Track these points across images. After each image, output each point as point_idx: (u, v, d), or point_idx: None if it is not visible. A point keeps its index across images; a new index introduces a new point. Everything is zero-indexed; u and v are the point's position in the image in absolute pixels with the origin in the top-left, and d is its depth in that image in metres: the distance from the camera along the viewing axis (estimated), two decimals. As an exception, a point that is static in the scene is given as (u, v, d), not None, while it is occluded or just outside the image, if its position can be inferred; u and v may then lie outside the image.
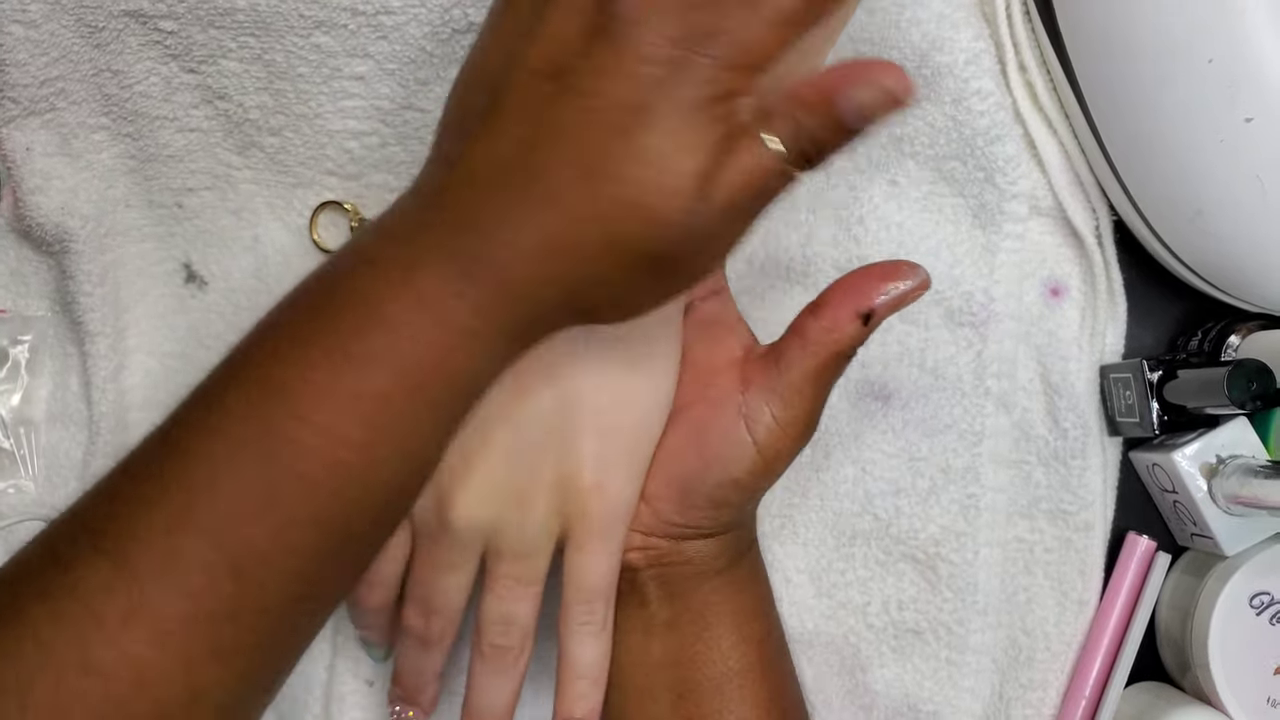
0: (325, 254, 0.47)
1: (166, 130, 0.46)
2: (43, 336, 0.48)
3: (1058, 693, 0.46)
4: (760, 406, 0.36)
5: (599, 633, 0.37)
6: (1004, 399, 0.46)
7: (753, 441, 0.36)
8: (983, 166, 0.45)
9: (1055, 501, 0.46)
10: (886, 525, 0.46)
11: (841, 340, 0.35)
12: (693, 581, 0.38)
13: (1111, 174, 0.43)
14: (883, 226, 0.46)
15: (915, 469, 0.46)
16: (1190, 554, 0.47)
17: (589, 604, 0.37)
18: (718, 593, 0.38)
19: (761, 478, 0.37)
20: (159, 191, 0.47)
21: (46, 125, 0.45)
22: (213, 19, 0.43)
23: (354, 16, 0.42)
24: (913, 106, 0.35)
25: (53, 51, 0.43)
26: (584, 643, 0.37)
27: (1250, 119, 0.38)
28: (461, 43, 0.43)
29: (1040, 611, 0.46)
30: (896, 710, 0.46)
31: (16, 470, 0.48)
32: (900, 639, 0.46)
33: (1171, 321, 0.48)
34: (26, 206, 0.45)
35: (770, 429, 0.36)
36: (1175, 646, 0.46)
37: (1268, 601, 0.43)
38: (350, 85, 0.44)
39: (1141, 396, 0.44)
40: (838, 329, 0.35)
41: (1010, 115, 0.45)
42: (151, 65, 0.44)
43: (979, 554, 0.46)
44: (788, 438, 0.36)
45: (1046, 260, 0.46)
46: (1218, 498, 0.43)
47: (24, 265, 0.48)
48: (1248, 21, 0.37)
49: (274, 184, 0.47)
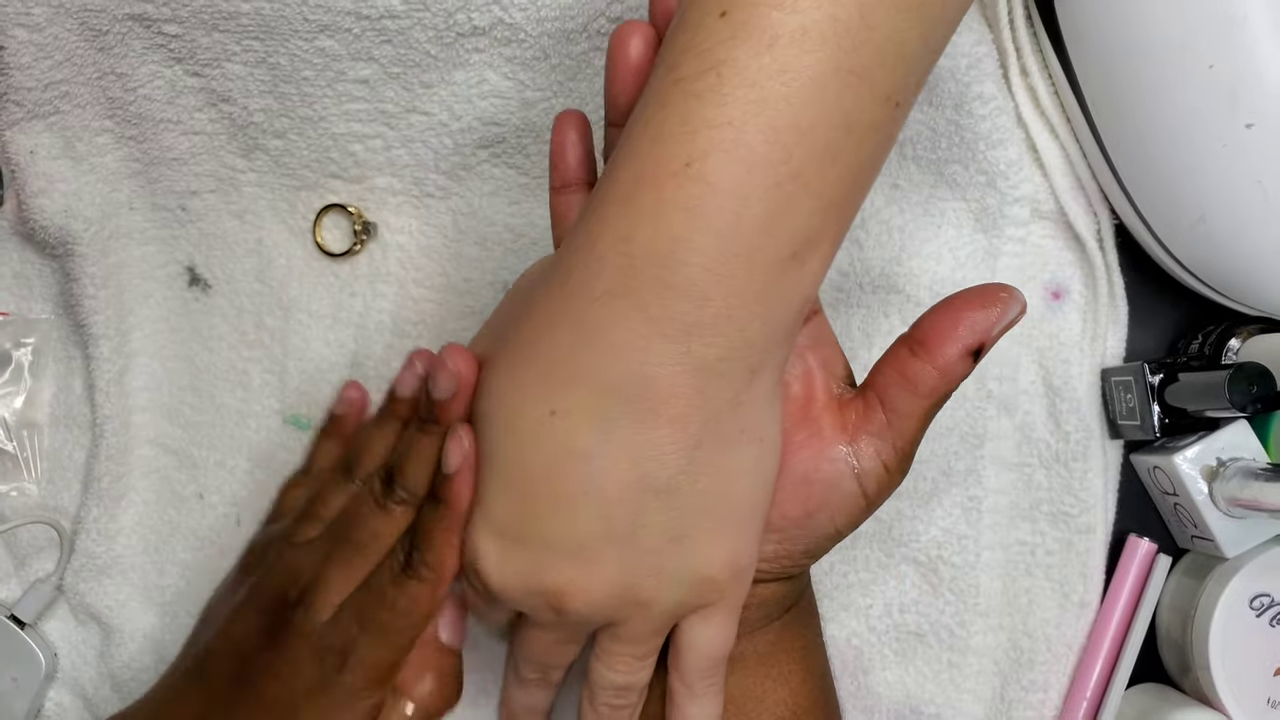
0: (329, 256, 0.47)
1: (170, 133, 0.46)
2: (46, 339, 0.48)
3: (1059, 694, 0.46)
4: (872, 456, 0.34)
5: (719, 693, 0.36)
6: (1005, 402, 0.46)
7: (862, 492, 0.34)
8: (984, 170, 0.45)
9: (1056, 504, 0.46)
10: (888, 528, 0.46)
11: (955, 381, 0.33)
12: (762, 621, 0.37)
13: (1113, 178, 0.44)
14: (884, 230, 0.46)
15: (917, 471, 0.46)
16: (1191, 556, 0.47)
17: (713, 672, 0.35)
18: (788, 629, 0.37)
19: (860, 523, 0.35)
20: (163, 194, 0.47)
21: (50, 128, 0.45)
22: (217, 22, 0.43)
23: (358, 20, 0.42)
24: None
25: (57, 55, 0.43)
26: (706, 705, 0.36)
27: (1251, 124, 0.38)
28: (465, 46, 0.43)
29: (1042, 613, 0.46)
30: (899, 712, 0.46)
31: (20, 473, 0.48)
32: (902, 641, 0.46)
33: (1172, 325, 0.48)
34: (30, 209, 0.45)
35: (881, 479, 0.34)
36: (1176, 648, 0.46)
37: (1268, 603, 0.44)
38: (354, 88, 0.44)
39: (1142, 399, 0.44)
40: (950, 371, 0.33)
41: (1012, 119, 0.45)
42: (156, 68, 0.44)
43: (981, 556, 0.46)
44: (894, 484, 0.34)
45: (1048, 264, 0.46)
46: (1218, 500, 0.43)
47: (27, 268, 0.48)
48: (1248, 28, 0.37)
49: (278, 187, 0.47)
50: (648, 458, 0.30)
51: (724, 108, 0.28)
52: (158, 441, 0.48)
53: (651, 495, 0.30)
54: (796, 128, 0.28)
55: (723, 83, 0.28)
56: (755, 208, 0.28)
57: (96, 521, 0.47)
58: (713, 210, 0.28)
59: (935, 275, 0.46)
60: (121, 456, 0.47)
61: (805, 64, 0.28)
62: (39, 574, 0.48)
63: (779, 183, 0.28)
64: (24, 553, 0.48)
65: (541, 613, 0.32)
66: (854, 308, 0.46)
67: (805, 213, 0.29)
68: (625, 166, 0.29)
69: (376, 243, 0.47)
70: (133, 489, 0.47)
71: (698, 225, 0.28)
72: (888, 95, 0.29)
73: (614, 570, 0.31)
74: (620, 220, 0.29)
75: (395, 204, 0.47)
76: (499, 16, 0.43)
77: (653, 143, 0.29)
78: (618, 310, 0.29)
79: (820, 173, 0.29)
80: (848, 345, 0.46)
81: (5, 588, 0.48)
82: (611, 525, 0.30)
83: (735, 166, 0.28)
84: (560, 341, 0.30)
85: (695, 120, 0.28)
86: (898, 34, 0.28)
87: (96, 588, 0.47)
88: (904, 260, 0.46)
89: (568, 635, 0.34)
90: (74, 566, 0.47)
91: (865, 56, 0.28)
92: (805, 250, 0.30)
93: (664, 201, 0.28)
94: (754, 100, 0.28)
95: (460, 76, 0.44)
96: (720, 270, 0.28)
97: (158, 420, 0.48)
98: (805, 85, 0.28)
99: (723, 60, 0.28)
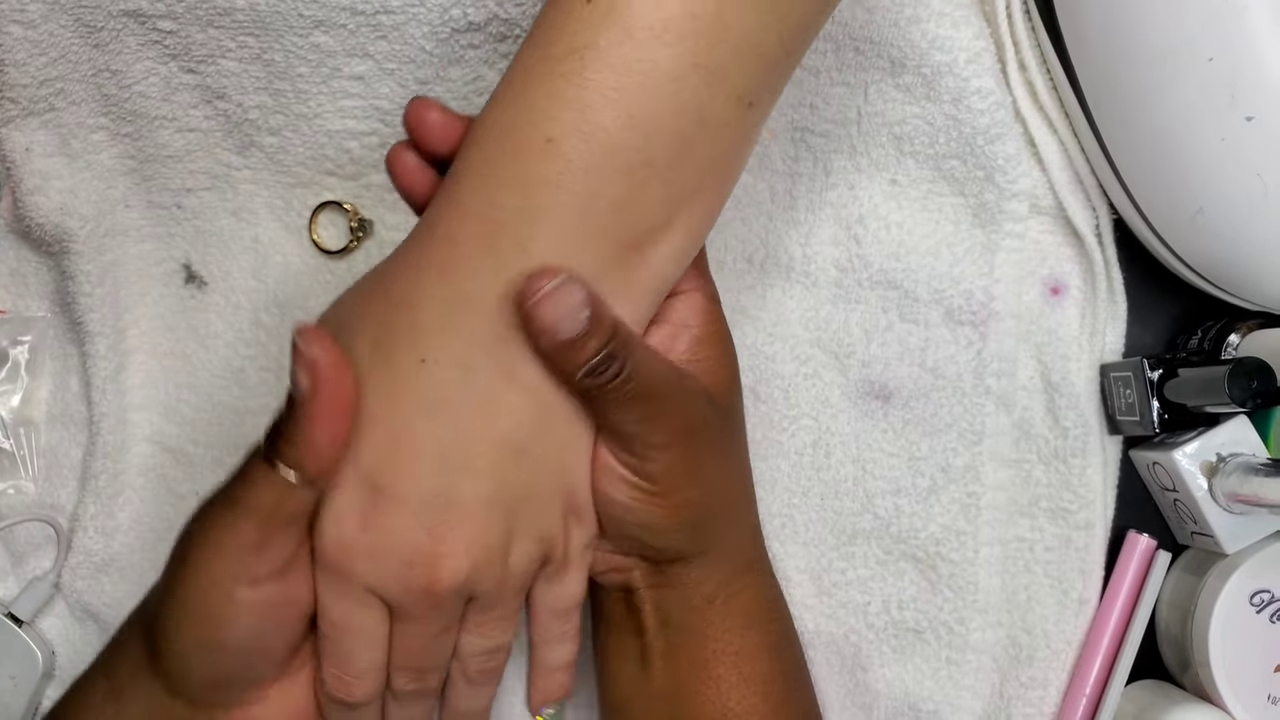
0: (325, 254, 0.47)
1: (166, 130, 0.46)
2: (42, 337, 0.48)
3: (1058, 691, 0.46)
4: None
5: (574, 636, 0.38)
6: (1004, 398, 0.46)
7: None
8: (983, 165, 0.45)
9: (1055, 500, 0.46)
10: (887, 524, 0.46)
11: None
12: (686, 612, 0.37)
13: (1112, 173, 0.43)
14: (883, 226, 0.46)
15: (915, 468, 0.46)
16: (1190, 552, 0.47)
17: (565, 619, 0.37)
18: (714, 627, 0.37)
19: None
20: (158, 192, 0.47)
21: (45, 125, 0.45)
22: (212, 18, 0.43)
23: (353, 16, 0.42)
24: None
25: (51, 51, 0.43)
26: (559, 649, 0.38)
27: (1251, 117, 0.38)
28: (461, 42, 0.43)
29: (1040, 610, 0.46)
30: (897, 709, 0.46)
31: (16, 471, 0.48)
32: (901, 638, 0.46)
33: (1171, 320, 0.48)
34: (26, 207, 0.45)
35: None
36: (1176, 644, 0.46)
37: (1268, 599, 0.43)
38: (349, 85, 0.44)
39: (1142, 395, 0.44)
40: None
41: (1010, 114, 0.45)
42: (150, 65, 0.44)
43: (979, 553, 0.46)
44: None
45: (1047, 259, 0.46)
46: (1218, 496, 0.43)
47: (24, 266, 0.48)
48: (1248, 20, 0.37)
49: (273, 184, 0.47)
50: (507, 414, 0.31)
51: (585, 90, 0.30)
52: (154, 439, 0.48)
53: (510, 451, 0.32)
54: (651, 116, 0.30)
55: (585, 66, 0.30)
56: (609, 190, 0.30)
57: (94, 519, 0.47)
58: (568, 187, 0.30)
59: (933, 271, 0.45)
60: (118, 454, 0.47)
61: (661, 56, 0.29)
62: (36, 572, 0.48)
63: (632, 168, 0.30)
64: (21, 550, 0.48)
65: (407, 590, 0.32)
66: (852, 304, 0.46)
67: (656, 200, 0.31)
68: (490, 136, 0.31)
69: (373, 240, 0.47)
70: (130, 487, 0.47)
71: (557, 200, 0.30)
72: (741, 94, 0.31)
73: (484, 531, 0.32)
74: (484, 186, 0.31)
75: (391, 201, 0.47)
76: (494, 12, 0.42)
77: (517, 116, 0.30)
78: (481, 268, 0.31)
79: (671, 163, 0.31)
80: (846, 342, 0.46)
81: (2, 585, 0.48)
82: (480, 484, 0.32)
83: (593, 148, 0.30)
84: (428, 287, 0.31)
85: (558, 99, 0.30)
86: (754, 34, 0.30)
87: (94, 585, 0.47)
88: (902, 256, 0.46)
89: (444, 621, 0.34)
90: (71, 564, 0.47)
91: (720, 54, 0.30)
92: (656, 235, 0.32)
93: (527, 174, 0.30)
94: (613, 87, 0.29)
95: (456, 73, 0.44)
96: (575, 245, 0.30)
97: (154, 418, 0.48)
98: (661, 77, 0.29)
99: (586, 45, 0.30)
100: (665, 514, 0.34)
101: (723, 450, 0.37)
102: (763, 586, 0.40)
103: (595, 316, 0.31)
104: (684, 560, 0.37)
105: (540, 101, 0.30)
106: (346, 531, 0.32)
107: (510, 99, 0.31)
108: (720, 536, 0.37)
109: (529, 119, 0.30)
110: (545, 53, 0.30)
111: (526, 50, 0.31)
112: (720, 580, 0.38)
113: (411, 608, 0.33)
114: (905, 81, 0.45)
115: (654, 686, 0.37)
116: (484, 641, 0.35)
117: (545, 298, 0.30)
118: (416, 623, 0.33)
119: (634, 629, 0.38)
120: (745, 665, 0.37)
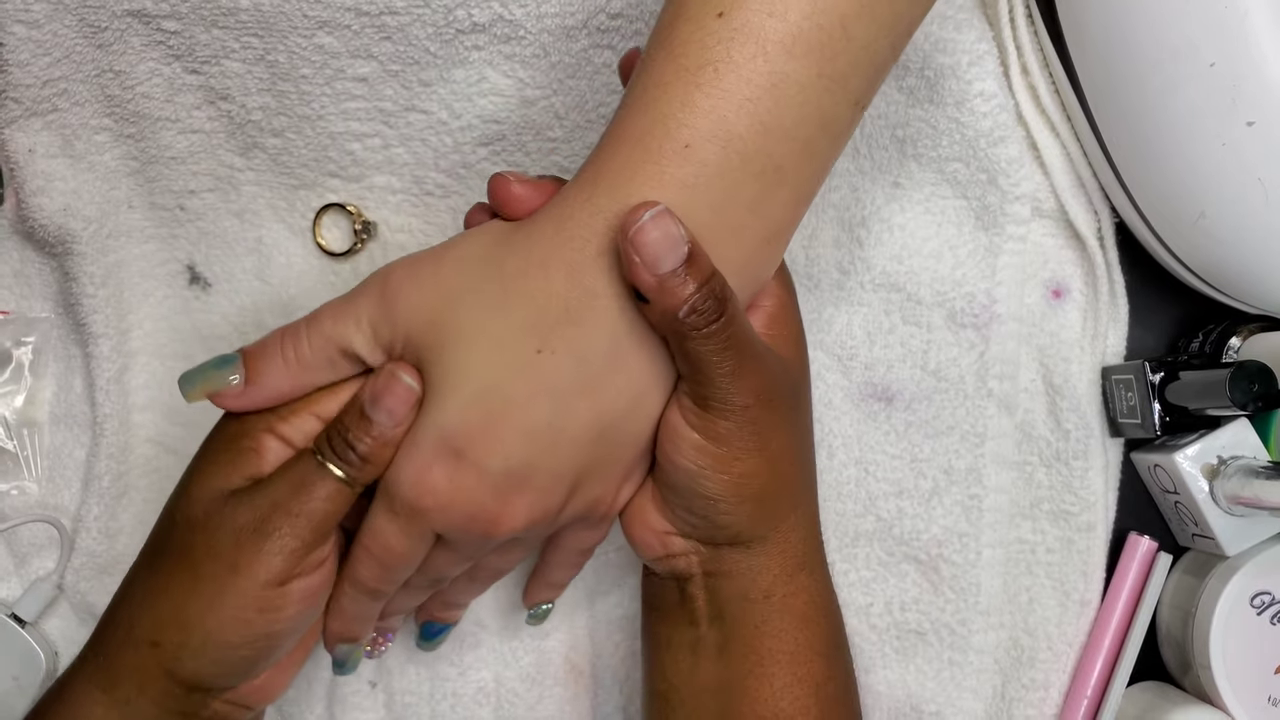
0: (328, 256, 0.47)
1: (169, 131, 0.46)
2: (46, 338, 0.48)
3: (1060, 693, 0.46)
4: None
5: (581, 566, 0.42)
6: (1006, 400, 0.46)
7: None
8: (985, 169, 0.45)
9: (1057, 502, 0.46)
10: (889, 526, 0.46)
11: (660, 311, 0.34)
12: (743, 605, 0.37)
13: (1114, 176, 0.43)
14: (885, 228, 0.46)
15: (918, 470, 0.46)
16: (1191, 554, 0.47)
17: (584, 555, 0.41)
18: (770, 624, 0.37)
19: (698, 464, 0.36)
20: (161, 193, 0.47)
21: (49, 126, 0.45)
22: (216, 19, 0.43)
23: (357, 17, 0.42)
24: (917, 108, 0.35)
25: (55, 52, 0.43)
26: (566, 572, 0.42)
27: (1252, 122, 0.38)
28: (465, 43, 0.43)
29: (1042, 612, 0.46)
30: (899, 710, 0.46)
31: (20, 472, 0.48)
32: (903, 639, 0.46)
33: (1173, 323, 0.48)
34: (29, 208, 0.45)
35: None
36: (1177, 646, 0.46)
37: (1269, 601, 0.44)
38: (353, 86, 0.44)
39: (1143, 398, 0.44)
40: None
41: (1013, 117, 0.45)
42: (154, 66, 0.44)
43: (981, 555, 0.46)
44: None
45: (1049, 262, 0.46)
46: (1219, 498, 0.43)
47: (27, 267, 0.48)
48: (1249, 26, 0.37)
49: (276, 186, 0.47)
50: (608, 401, 0.33)
51: (721, 100, 0.31)
52: (158, 440, 0.48)
53: (594, 435, 0.34)
54: (782, 125, 0.32)
55: (720, 78, 0.31)
56: (743, 193, 0.32)
57: (97, 520, 0.47)
58: (705, 189, 0.32)
59: (936, 273, 0.46)
60: (122, 455, 0.47)
61: (791, 68, 0.31)
62: (39, 572, 0.48)
63: (764, 172, 0.32)
64: (24, 551, 0.48)
65: (465, 535, 0.34)
66: (855, 306, 0.46)
67: (782, 203, 0.33)
68: (625, 140, 0.32)
69: (377, 242, 0.47)
70: (133, 487, 0.47)
71: (696, 201, 0.32)
72: (857, 99, 0.33)
73: (548, 499, 0.34)
74: (619, 186, 0.32)
75: (395, 203, 0.47)
76: (499, 13, 0.42)
77: (654, 122, 0.32)
78: (611, 268, 0.32)
79: (797, 167, 0.33)
80: (849, 344, 0.46)
81: (6, 586, 0.48)
82: (560, 461, 0.33)
83: (729, 154, 0.31)
84: (554, 282, 0.32)
85: (694, 107, 0.31)
86: (871, 43, 0.32)
87: (97, 586, 0.47)
88: (905, 259, 0.46)
89: (472, 553, 0.36)
90: (74, 565, 0.47)
91: (842, 64, 0.32)
92: (780, 234, 0.34)
93: (665, 175, 0.32)
94: (747, 98, 0.31)
95: (460, 74, 0.44)
96: (707, 247, 0.32)
97: (158, 419, 0.48)
98: (790, 88, 0.31)
99: (720, 59, 0.31)
100: (728, 483, 0.35)
101: (790, 426, 0.37)
102: (819, 586, 0.39)
103: (694, 254, 0.32)
104: (743, 545, 0.37)
105: (676, 110, 0.31)
106: (429, 482, 0.33)
107: (644, 108, 0.32)
108: (780, 522, 0.37)
109: (665, 127, 0.31)
110: (679, 65, 0.32)
111: (657, 61, 0.32)
112: (778, 574, 0.38)
113: (459, 544, 0.35)
114: (908, 84, 0.45)
115: (703, 679, 0.38)
116: (503, 563, 0.39)
117: (647, 225, 0.31)
118: (457, 551, 0.36)
119: (687, 619, 0.38)
120: (800, 666, 0.38)
